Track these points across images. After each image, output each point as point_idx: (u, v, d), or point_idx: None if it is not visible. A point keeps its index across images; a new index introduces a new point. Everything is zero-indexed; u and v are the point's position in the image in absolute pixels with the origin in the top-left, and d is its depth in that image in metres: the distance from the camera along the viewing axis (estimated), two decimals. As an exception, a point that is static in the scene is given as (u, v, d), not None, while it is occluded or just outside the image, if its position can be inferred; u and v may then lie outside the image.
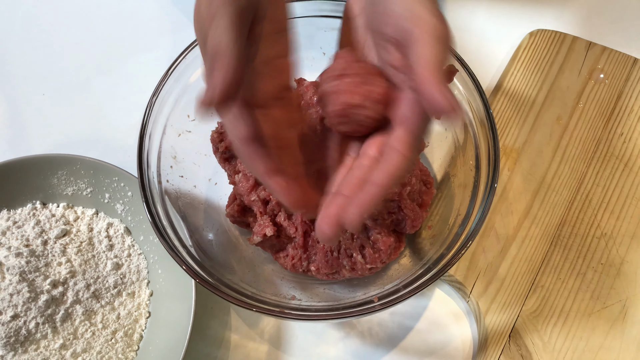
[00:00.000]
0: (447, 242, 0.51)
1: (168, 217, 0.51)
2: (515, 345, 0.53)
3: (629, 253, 0.57)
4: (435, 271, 0.47)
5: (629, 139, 0.62)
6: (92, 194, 0.58)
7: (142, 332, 0.54)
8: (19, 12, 0.74)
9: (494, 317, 0.54)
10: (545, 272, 0.56)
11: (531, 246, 0.57)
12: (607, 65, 0.66)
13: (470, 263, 0.56)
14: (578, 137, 0.62)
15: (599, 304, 0.55)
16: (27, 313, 0.51)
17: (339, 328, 0.56)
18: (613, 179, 0.60)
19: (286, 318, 0.46)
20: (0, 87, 0.69)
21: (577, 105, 0.64)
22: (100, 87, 0.69)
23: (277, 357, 0.55)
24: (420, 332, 0.56)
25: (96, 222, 0.58)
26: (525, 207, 0.59)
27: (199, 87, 0.58)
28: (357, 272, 0.52)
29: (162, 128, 0.55)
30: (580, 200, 0.59)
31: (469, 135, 0.54)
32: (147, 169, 0.51)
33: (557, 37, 0.67)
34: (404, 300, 0.46)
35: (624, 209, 0.59)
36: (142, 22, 0.73)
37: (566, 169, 0.61)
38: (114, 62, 0.71)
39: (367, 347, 0.55)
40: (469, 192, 0.52)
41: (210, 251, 0.53)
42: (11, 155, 0.57)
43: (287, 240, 0.53)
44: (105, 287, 0.55)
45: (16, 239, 0.55)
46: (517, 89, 0.65)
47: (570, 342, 0.53)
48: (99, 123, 0.67)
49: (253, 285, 0.51)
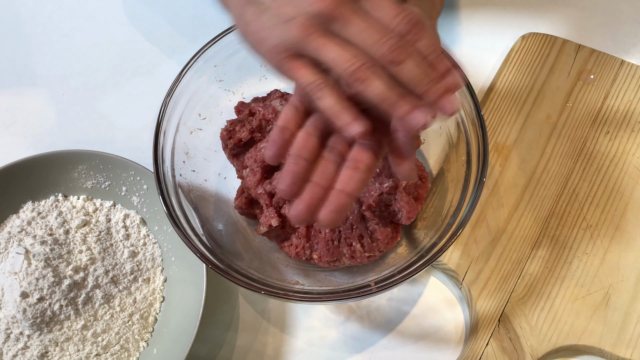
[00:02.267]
0: (439, 231, 0.54)
1: (181, 209, 0.55)
2: (504, 329, 0.57)
3: (613, 244, 0.60)
4: (427, 258, 0.51)
5: (614, 137, 0.66)
6: (110, 187, 0.62)
7: (157, 315, 0.58)
8: (40, 18, 0.78)
9: (485, 302, 0.58)
10: (533, 261, 0.59)
11: (520, 237, 0.61)
12: (595, 67, 0.69)
13: (462, 252, 0.60)
14: (566, 135, 0.66)
15: (583, 290, 0.58)
16: (52, 296, 0.55)
17: (339, 313, 0.60)
18: (599, 175, 0.64)
19: (290, 300, 0.50)
20: (25, 88, 0.73)
21: (566, 105, 0.67)
22: (117, 87, 0.73)
23: (282, 339, 0.59)
24: (416, 317, 0.60)
25: (114, 213, 0.62)
26: (515, 201, 0.62)
27: (210, 88, 0.62)
28: (356, 260, 0.56)
29: (176, 126, 0.59)
30: (567, 194, 0.63)
31: (461, 134, 0.58)
32: (162, 164, 0.55)
33: (548, 40, 0.71)
34: (399, 283, 0.50)
35: (609, 203, 0.62)
36: (155, 26, 0.77)
37: (555, 164, 0.64)
38: (129, 63, 0.74)
39: (365, 331, 0.59)
40: (460, 186, 0.56)
41: (220, 240, 0.57)
42: (35, 151, 0.61)
43: (291, 231, 0.57)
44: (123, 273, 0.59)
45: (40, 228, 0.60)
46: (509, 89, 0.68)
47: (555, 326, 0.57)
48: (116, 121, 0.71)
49: (260, 271, 0.55)
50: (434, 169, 0.63)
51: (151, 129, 0.56)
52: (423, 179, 0.60)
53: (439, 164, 0.62)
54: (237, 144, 0.59)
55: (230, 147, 0.60)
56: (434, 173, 0.63)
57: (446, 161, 0.61)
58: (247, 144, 0.60)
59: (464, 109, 0.57)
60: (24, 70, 0.75)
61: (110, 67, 0.75)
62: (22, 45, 0.76)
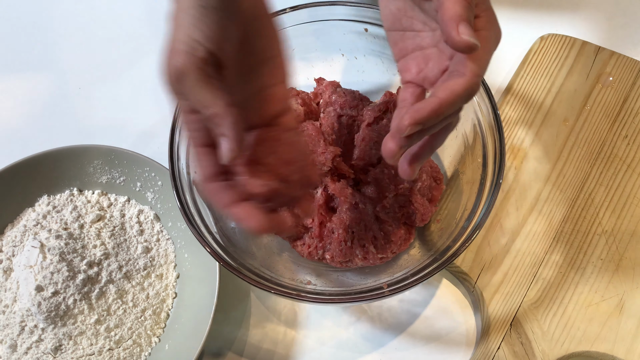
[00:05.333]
0: (453, 234, 0.54)
1: (195, 206, 0.55)
2: (516, 333, 0.56)
3: (628, 250, 0.60)
4: (441, 261, 0.51)
5: (632, 141, 0.65)
6: (125, 182, 0.63)
7: (169, 311, 0.59)
8: (57, 12, 0.78)
9: (497, 306, 0.57)
10: (547, 266, 0.59)
11: (534, 241, 0.60)
12: (615, 69, 0.68)
13: (475, 255, 0.59)
14: (583, 138, 0.65)
15: (597, 297, 0.58)
16: (66, 290, 0.55)
17: (350, 313, 0.60)
18: (615, 179, 0.63)
19: (302, 300, 0.50)
20: (41, 82, 0.74)
21: (584, 108, 0.67)
22: (132, 82, 0.73)
23: (293, 337, 0.59)
24: (427, 319, 0.60)
25: (128, 209, 0.62)
26: (530, 204, 0.62)
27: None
28: (369, 261, 0.56)
29: (191, 123, 0.59)
30: (583, 198, 0.62)
31: (478, 135, 0.58)
32: (177, 161, 0.55)
33: (567, 41, 0.70)
34: (411, 287, 0.50)
35: (625, 208, 0.61)
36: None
37: (571, 168, 0.64)
38: (146, 58, 0.75)
39: (376, 331, 0.59)
40: (475, 188, 0.56)
41: (233, 238, 0.57)
42: (51, 146, 0.62)
43: (304, 230, 0.57)
44: (136, 269, 0.59)
45: (56, 222, 0.60)
46: (527, 91, 0.68)
47: (568, 331, 0.56)
48: (131, 116, 0.71)
49: (272, 270, 0.55)
50: (448, 170, 0.63)
51: (167, 125, 0.56)
52: (438, 180, 0.60)
53: (454, 165, 0.62)
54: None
55: (245, 145, 0.59)
56: (449, 175, 0.62)
57: (461, 163, 0.61)
58: (262, 142, 0.60)
59: (480, 110, 0.57)
60: (40, 64, 0.75)
61: (127, 62, 0.75)
62: (39, 38, 0.77)
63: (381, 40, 0.63)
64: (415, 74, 0.46)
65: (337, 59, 0.66)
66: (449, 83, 0.40)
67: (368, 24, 0.62)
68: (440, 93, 0.40)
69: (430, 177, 0.59)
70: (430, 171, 0.59)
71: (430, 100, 0.39)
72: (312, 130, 0.58)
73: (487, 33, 0.41)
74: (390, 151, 0.41)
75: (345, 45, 0.65)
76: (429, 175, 0.59)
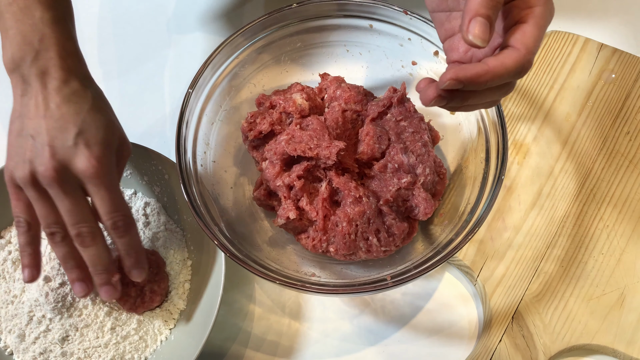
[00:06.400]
0: (456, 228, 0.55)
1: (202, 199, 0.56)
2: (518, 326, 0.57)
3: (629, 245, 0.60)
4: (444, 254, 0.51)
5: (634, 137, 0.65)
6: (132, 175, 0.63)
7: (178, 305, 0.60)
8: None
9: (499, 299, 0.58)
10: (548, 260, 0.60)
11: (536, 235, 0.61)
12: (617, 66, 0.69)
13: (478, 249, 0.60)
14: (586, 134, 0.66)
15: (598, 290, 0.58)
16: (74, 281, 0.56)
17: (354, 305, 0.61)
18: (617, 175, 0.63)
19: (306, 291, 0.51)
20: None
21: (587, 104, 0.67)
22: (139, 77, 0.74)
23: (297, 329, 0.60)
24: (430, 312, 0.60)
25: (135, 201, 0.63)
26: (532, 199, 0.62)
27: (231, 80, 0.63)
28: (372, 254, 0.56)
29: (198, 117, 0.59)
30: (585, 193, 0.63)
31: (481, 130, 0.58)
32: (184, 154, 0.56)
33: (570, 38, 0.71)
34: (414, 279, 0.50)
35: (627, 204, 0.62)
36: (179, 18, 0.78)
37: (573, 164, 0.64)
38: (153, 53, 0.75)
39: (379, 324, 0.60)
40: (478, 183, 0.56)
41: (238, 230, 0.58)
42: (59, 139, 0.63)
43: (309, 223, 0.57)
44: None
45: (64, 214, 0.61)
46: (530, 87, 0.68)
47: (569, 325, 0.57)
48: (138, 111, 0.72)
49: (277, 262, 0.56)
50: (452, 165, 0.63)
51: (173, 119, 0.57)
52: (441, 175, 0.60)
53: (457, 160, 0.63)
54: (257, 136, 0.60)
55: (251, 139, 0.60)
56: (452, 170, 0.63)
57: (465, 158, 0.61)
58: (267, 136, 0.60)
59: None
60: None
61: (133, 57, 0.76)
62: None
63: (386, 37, 0.64)
64: (463, 53, 0.46)
65: (342, 55, 0.67)
66: (502, 55, 0.40)
67: (373, 20, 0.63)
68: (491, 62, 0.40)
69: (433, 172, 0.59)
70: (434, 166, 0.60)
71: (479, 65, 0.40)
72: (317, 125, 0.58)
73: (541, 9, 0.42)
74: (427, 96, 0.42)
75: (350, 41, 0.65)
76: (433, 170, 0.59)
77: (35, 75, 0.48)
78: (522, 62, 0.41)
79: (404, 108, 0.60)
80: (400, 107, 0.60)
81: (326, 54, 0.67)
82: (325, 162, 0.56)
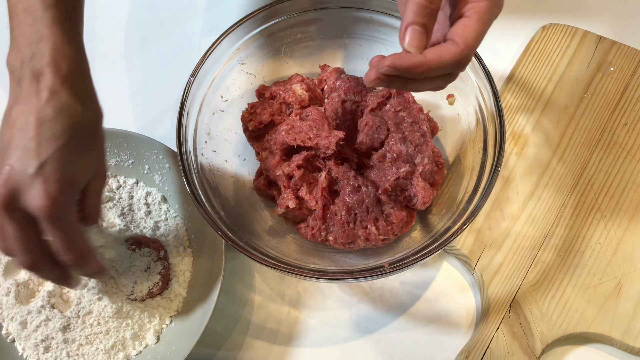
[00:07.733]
0: (453, 217, 0.55)
1: (203, 187, 0.56)
2: (515, 315, 0.57)
3: (626, 234, 0.61)
4: (441, 241, 0.52)
5: (632, 128, 0.66)
6: (133, 165, 0.64)
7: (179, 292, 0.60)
8: None
9: (497, 288, 0.59)
10: (546, 249, 0.60)
11: (534, 225, 0.61)
12: (616, 58, 0.69)
13: (476, 239, 0.61)
14: (584, 125, 0.66)
15: (595, 279, 0.59)
16: (76, 268, 0.57)
17: (353, 294, 0.61)
18: (615, 166, 0.64)
19: (306, 277, 0.51)
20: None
21: (585, 96, 0.68)
22: (141, 67, 0.75)
23: (296, 317, 0.60)
24: (428, 301, 0.61)
25: (136, 191, 0.63)
26: (530, 189, 0.63)
27: (232, 70, 0.63)
28: (371, 243, 0.57)
29: (199, 107, 0.60)
30: (582, 184, 0.63)
31: (479, 121, 0.59)
32: (185, 144, 0.57)
33: (569, 31, 0.71)
34: (412, 265, 0.51)
35: (624, 194, 0.62)
36: (180, 10, 0.79)
37: (571, 155, 0.65)
38: (154, 45, 0.76)
39: (378, 312, 0.61)
40: (476, 173, 0.57)
41: (238, 219, 0.59)
42: (62, 129, 0.63)
43: (308, 212, 0.58)
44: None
45: (66, 203, 0.61)
46: (528, 79, 0.69)
47: (566, 313, 0.57)
48: (140, 101, 0.72)
49: (277, 251, 0.57)
50: (450, 155, 0.64)
51: (174, 110, 0.57)
52: (439, 165, 0.61)
53: (456, 150, 0.63)
54: (258, 126, 0.60)
55: (251, 129, 0.61)
56: (450, 160, 0.64)
57: (463, 148, 0.62)
58: (267, 127, 0.61)
59: (482, 96, 0.58)
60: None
61: (135, 48, 0.76)
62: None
63: (385, 28, 0.64)
64: None
65: (342, 46, 0.67)
66: (440, 48, 0.41)
67: (372, 11, 0.63)
68: (429, 54, 0.41)
69: (432, 161, 0.60)
70: (433, 156, 0.60)
71: (416, 56, 0.40)
72: (316, 115, 0.59)
73: (487, 4, 0.42)
74: (368, 77, 0.42)
75: (349, 32, 0.66)
76: (432, 160, 0.60)
77: (28, 79, 0.44)
78: (459, 57, 0.41)
79: (402, 99, 0.60)
80: (399, 98, 0.60)
81: (326, 46, 0.67)
82: (325, 151, 0.57)
